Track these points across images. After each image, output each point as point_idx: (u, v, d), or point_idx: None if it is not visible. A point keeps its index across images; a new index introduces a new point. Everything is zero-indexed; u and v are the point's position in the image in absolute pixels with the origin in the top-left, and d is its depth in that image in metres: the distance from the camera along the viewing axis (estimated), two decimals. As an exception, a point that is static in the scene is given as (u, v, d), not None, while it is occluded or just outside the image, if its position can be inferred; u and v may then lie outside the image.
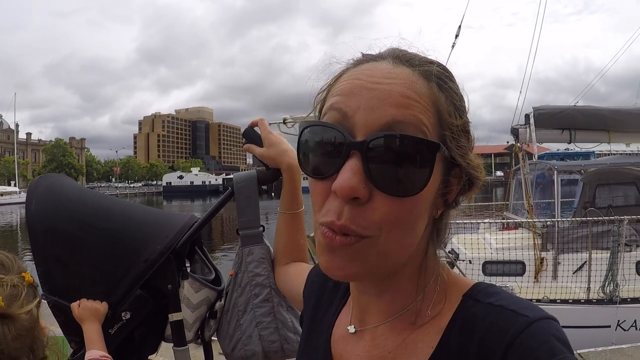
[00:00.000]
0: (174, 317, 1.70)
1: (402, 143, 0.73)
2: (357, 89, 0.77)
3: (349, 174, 0.73)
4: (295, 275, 1.51)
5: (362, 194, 0.73)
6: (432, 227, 0.85)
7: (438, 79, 0.80)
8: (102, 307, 1.63)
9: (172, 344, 1.74)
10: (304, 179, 1.75)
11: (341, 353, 0.96)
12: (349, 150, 0.74)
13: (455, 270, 7.57)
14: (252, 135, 1.74)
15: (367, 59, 0.84)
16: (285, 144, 1.70)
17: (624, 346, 6.44)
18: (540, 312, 0.75)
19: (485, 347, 0.74)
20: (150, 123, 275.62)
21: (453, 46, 11.52)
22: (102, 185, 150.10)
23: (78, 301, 1.64)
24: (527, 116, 10.64)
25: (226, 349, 1.74)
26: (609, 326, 7.46)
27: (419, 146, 0.74)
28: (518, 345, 0.71)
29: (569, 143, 11.30)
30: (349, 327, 0.96)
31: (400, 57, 0.81)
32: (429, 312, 0.85)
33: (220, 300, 1.80)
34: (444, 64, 0.85)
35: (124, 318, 1.67)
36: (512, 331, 0.72)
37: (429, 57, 0.84)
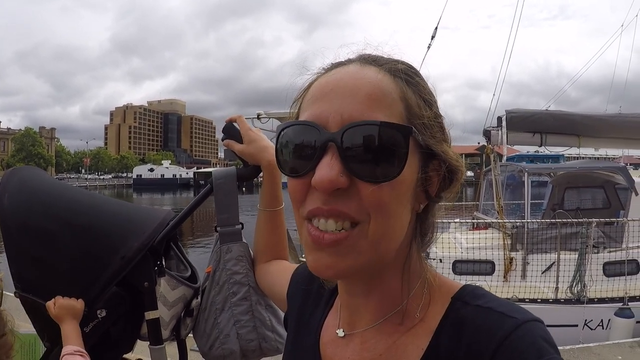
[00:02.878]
0: (150, 315, 1.67)
1: (374, 129, 0.75)
2: (328, 92, 0.80)
3: (327, 167, 0.74)
4: (277, 274, 1.50)
5: (342, 183, 0.74)
6: (415, 223, 0.86)
7: (405, 75, 0.82)
8: (78, 304, 1.59)
9: (147, 342, 1.71)
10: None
11: (331, 357, 0.96)
12: (324, 144, 0.76)
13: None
14: (231, 131, 1.71)
15: (335, 65, 0.86)
16: (265, 140, 1.68)
17: (591, 345, 6.63)
18: (527, 314, 0.77)
19: (475, 349, 0.75)
20: (122, 114, 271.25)
21: (429, 47, 11.63)
22: (72, 176, 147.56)
23: (53, 299, 1.59)
24: (499, 119, 10.79)
25: (203, 348, 1.71)
26: (577, 325, 7.65)
27: (390, 131, 0.75)
28: (507, 347, 0.72)
29: (540, 146, 11.50)
30: (337, 331, 0.96)
31: (366, 59, 0.85)
32: (418, 314, 0.86)
33: (197, 298, 1.78)
34: (411, 63, 0.88)
35: (99, 316, 1.63)
36: (500, 333, 0.74)
37: (394, 57, 0.86)
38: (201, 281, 1.82)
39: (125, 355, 1.79)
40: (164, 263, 1.79)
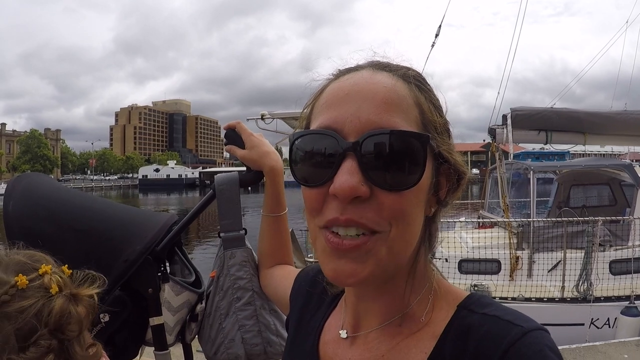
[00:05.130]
0: (155, 320, 1.67)
1: (394, 138, 0.75)
2: (343, 97, 0.79)
3: (347, 175, 0.74)
4: (281, 278, 1.51)
5: (363, 192, 0.74)
6: (424, 228, 0.86)
7: (416, 81, 0.83)
8: None
9: (153, 348, 1.71)
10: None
11: (331, 356, 0.96)
12: (343, 153, 0.75)
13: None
14: (233, 137, 1.70)
15: (345, 71, 0.87)
16: (267, 145, 1.68)
17: (597, 343, 6.58)
18: (533, 323, 0.77)
19: (480, 356, 0.75)
20: (127, 115, 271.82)
21: (433, 45, 11.59)
22: (77, 177, 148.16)
23: None
24: (504, 117, 10.75)
25: (208, 353, 1.72)
26: (583, 324, 7.62)
27: (410, 139, 0.76)
28: (513, 354, 0.72)
29: (545, 144, 11.45)
30: (340, 332, 0.96)
31: (377, 65, 0.85)
32: (423, 319, 0.86)
33: (201, 303, 1.78)
34: (419, 68, 0.89)
35: (102, 320, 1.63)
36: (507, 340, 0.74)
37: (404, 63, 0.87)
38: (205, 286, 1.82)
39: None
40: (168, 268, 1.78)
